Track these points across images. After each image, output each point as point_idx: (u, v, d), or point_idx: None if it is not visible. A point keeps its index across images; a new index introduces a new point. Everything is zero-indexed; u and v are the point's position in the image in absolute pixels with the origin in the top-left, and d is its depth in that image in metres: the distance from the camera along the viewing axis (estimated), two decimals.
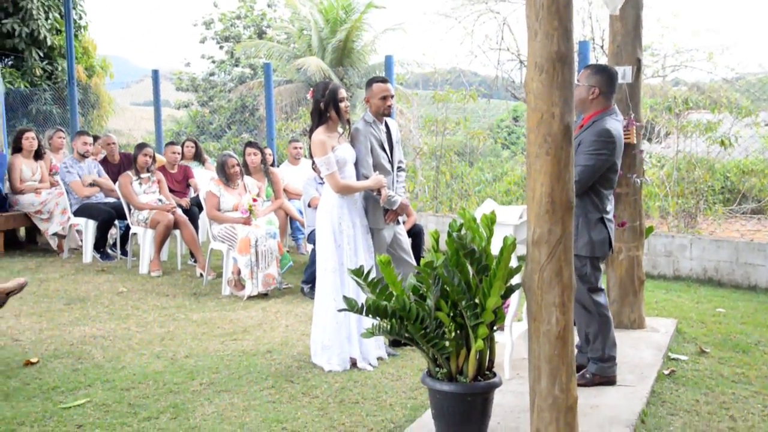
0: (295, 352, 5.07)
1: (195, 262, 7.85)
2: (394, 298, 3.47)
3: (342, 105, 4.91)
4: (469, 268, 3.49)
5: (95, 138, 9.33)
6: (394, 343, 5.14)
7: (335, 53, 22.73)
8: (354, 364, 4.79)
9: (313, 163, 5.01)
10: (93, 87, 16.96)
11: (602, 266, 4.39)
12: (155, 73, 11.91)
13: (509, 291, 3.52)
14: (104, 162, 8.86)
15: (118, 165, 8.84)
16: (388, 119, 5.19)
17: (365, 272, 3.61)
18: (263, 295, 6.66)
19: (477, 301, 3.46)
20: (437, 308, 3.48)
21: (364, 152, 4.99)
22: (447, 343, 3.47)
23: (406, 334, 3.48)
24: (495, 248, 3.57)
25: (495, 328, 3.54)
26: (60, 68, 16.11)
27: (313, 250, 6.66)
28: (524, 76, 13.25)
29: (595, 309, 4.23)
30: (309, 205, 7.06)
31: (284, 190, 8.87)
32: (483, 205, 4.70)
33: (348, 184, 4.86)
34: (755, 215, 10.74)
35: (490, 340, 3.54)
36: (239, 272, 6.67)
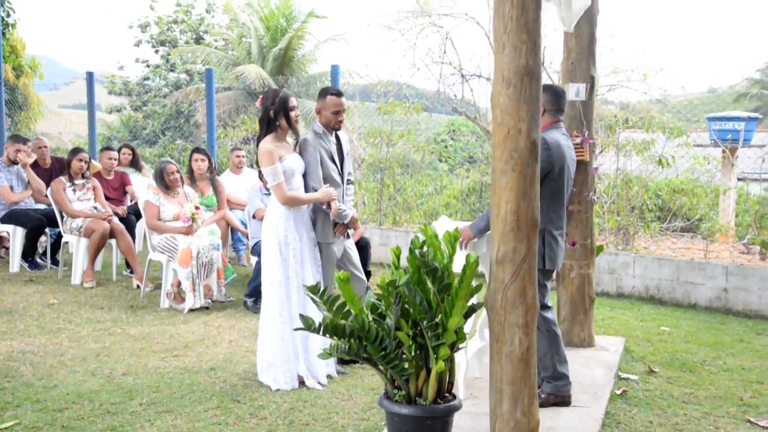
0: (240, 369, 4.86)
1: (131, 272, 7.54)
2: (352, 317, 3.33)
3: (293, 114, 4.76)
4: (431, 286, 3.37)
5: (25, 141, 8.89)
6: (342, 360, 4.99)
7: (276, 62, 22.48)
8: (302, 382, 4.62)
9: (260, 172, 4.82)
10: (21, 88, 16.28)
11: (549, 284, 4.33)
12: (90, 75, 11.49)
13: (471, 311, 3.42)
14: (35, 166, 8.44)
15: (50, 170, 8.44)
16: (338, 131, 5.05)
17: (321, 289, 3.47)
18: (204, 309, 6.42)
19: (438, 320, 3.35)
20: (397, 327, 3.35)
21: (313, 164, 4.83)
22: (406, 365, 3.34)
23: (364, 355, 3.34)
24: (455, 266, 3.48)
25: (455, 348, 3.43)
26: None
27: (258, 263, 6.47)
28: (464, 91, 13.16)
29: (543, 326, 4.15)
30: (254, 217, 6.85)
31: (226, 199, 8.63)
32: (438, 222, 4.60)
33: (295, 196, 4.70)
34: (684, 233, 10.99)
35: (450, 361, 3.43)
36: (179, 284, 6.41)
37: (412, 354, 3.38)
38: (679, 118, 12.45)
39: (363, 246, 6.95)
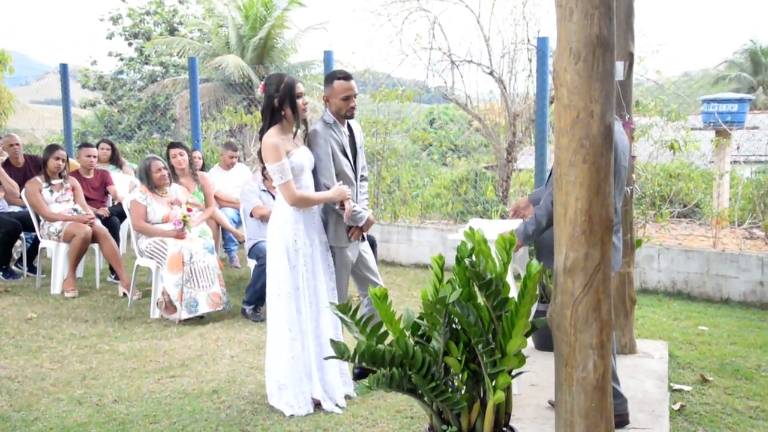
0: (246, 391, 4.31)
1: (116, 279, 6.93)
2: (393, 341, 2.79)
3: (300, 102, 4.17)
4: (483, 301, 2.84)
5: None
6: (359, 375, 4.46)
7: (255, 51, 21.80)
8: (318, 405, 4.08)
9: (264, 169, 4.25)
10: None
11: None
12: (63, 67, 10.80)
13: (532, 330, 2.89)
14: (6, 165, 7.77)
15: (23, 169, 7.77)
16: (351, 121, 4.49)
17: (352, 308, 2.92)
18: (198, 318, 5.84)
19: (494, 343, 2.82)
20: (446, 352, 2.82)
21: (324, 158, 4.26)
22: (458, 396, 2.80)
23: (408, 385, 2.80)
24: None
25: (515, 374, 2.91)
26: None
27: (257, 266, 5.91)
28: (454, 77, 12.59)
29: None
30: (251, 215, 6.27)
31: (215, 197, 8.04)
32: (472, 222, 4.06)
33: (305, 196, 4.14)
34: (681, 219, 10.67)
35: (508, 390, 2.90)
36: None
37: (464, 383, 2.85)
38: (676, 102, 12.05)
39: (370, 244, 6.40)
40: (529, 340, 4.73)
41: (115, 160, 8.78)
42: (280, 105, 4.14)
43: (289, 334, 4.05)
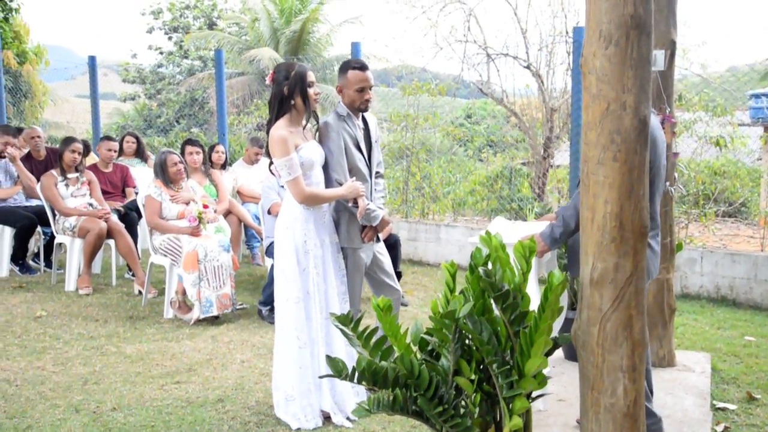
0: (253, 400, 4.05)
1: (133, 276, 6.74)
2: (397, 358, 2.50)
3: (311, 91, 3.88)
4: (500, 315, 2.53)
5: (19, 130, 8.09)
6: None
7: (289, 45, 21.64)
8: (327, 418, 3.80)
9: (271, 164, 3.97)
10: (24, 75, 15.51)
11: None
12: (92, 60, 10.67)
13: (554, 347, 2.57)
14: (28, 158, 7.64)
15: (44, 162, 7.62)
16: (365, 114, 4.19)
17: (353, 318, 2.64)
18: (214, 318, 5.61)
19: (511, 362, 2.51)
20: (456, 371, 2.52)
21: (337, 153, 3.96)
22: (469, 421, 2.50)
23: (414, 408, 2.51)
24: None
25: (534, 397, 2.59)
26: None
27: (273, 266, 5.65)
28: (489, 71, 12.25)
29: None
30: (269, 212, 6.02)
31: (238, 192, 7.83)
32: (493, 224, 3.75)
33: (316, 193, 3.85)
34: (725, 219, 10.24)
35: (526, 414, 2.59)
36: (184, 292, 5.59)
37: (477, 406, 2.55)
38: (722, 96, 11.56)
39: (392, 244, 6.13)
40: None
41: (140, 153, 8.61)
42: (290, 94, 3.85)
43: (297, 342, 3.78)
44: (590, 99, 2.40)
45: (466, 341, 2.55)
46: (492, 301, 2.55)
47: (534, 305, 2.60)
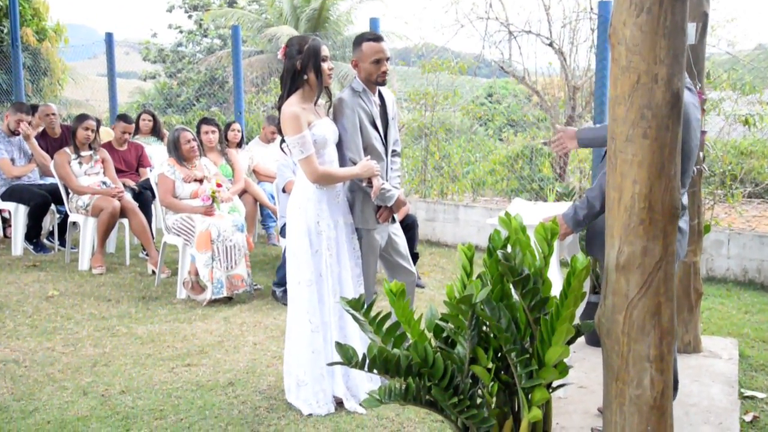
0: (264, 384, 3.95)
1: (147, 255, 6.66)
2: (410, 345, 2.37)
3: (325, 66, 3.73)
4: (519, 301, 2.39)
5: (34, 108, 8.02)
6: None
7: (309, 22, 21.45)
8: (340, 403, 3.69)
9: (282, 141, 3.83)
10: (44, 52, 15.46)
11: None
12: (109, 36, 10.60)
13: (577, 335, 2.43)
14: (43, 135, 7.57)
15: (59, 140, 7.55)
16: (382, 89, 4.03)
17: (365, 303, 2.51)
18: (227, 299, 5.53)
19: (531, 351, 2.37)
20: (472, 360, 2.39)
21: (351, 130, 3.81)
22: (486, 412, 2.37)
23: (428, 398, 2.38)
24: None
25: (555, 387, 2.46)
26: (6, 30, 14.59)
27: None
28: (511, 49, 12.01)
29: None
30: (284, 191, 5.90)
31: (254, 171, 7.72)
32: (513, 205, 3.59)
33: (329, 172, 3.71)
34: (752, 199, 10.02)
35: (546, 405, 2.46)
36: (197, 272, 5.50)
37: (494, 396, 2.42)
38: (752, 74, 11.27)
39: (409, 225, 5.99)
40: None
41: (156, 131, 8.51)
42: (302, 68, 3.70)
43: (309, 325, 3.66)
44: (619, 71, 2.23)
45: (484, 328, 2.42)
46: (511, 286, 2.41)
47: (555, 290, 2.47)
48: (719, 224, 7.05)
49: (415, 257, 6.03)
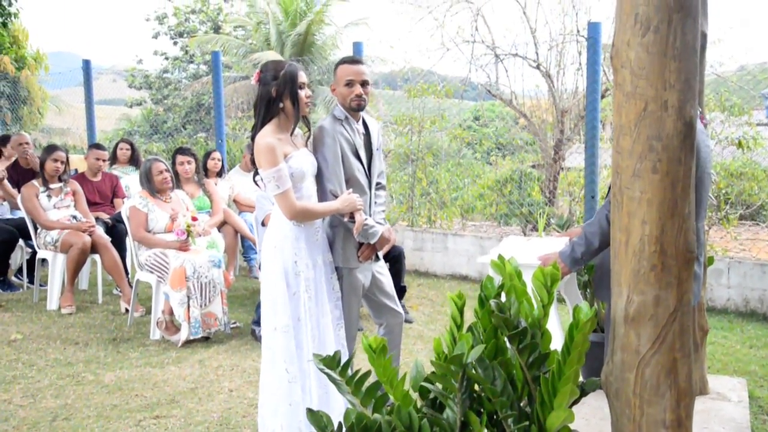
0: None
1: (121, 292, 6.33)
2: (393, 409, 2.08)
3: (302, 93, 3.47)
4: (515, 357, 2.11)
5: (5, 138, 7.72)
6: None
7: (295, 47, 21.28)
8: None
9: (256, 174, 3.54)
10: (23, 80, 15.19)
11: None
12: (86, 63, 10.31)
13: (582, 395, 2.15)
14: (15, 166, 7.25)
15: (32, 170, 7.23)
16: (367, 117, 3.77)
17: (340, 360, 2.22)
18: (204, 339, 5.22)
19: (530, 414, 2.09)
20: (463, 425, 2.10)
21: (332, 160, 3.52)
22: None
23: None
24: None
25: None
26: None
27: None
28: (498, 72, 11.82)
29: None
30: (263, 224, 5.61)
31: (235, 201, 7.44)
32: (504, 244, 3.32)
33: (307, 208, 3.41)
34: (743, 222, 9.86)
35: None
36: (171, 312, 5.19)
37: None
38: (739, 96, 11.16)
39: (396, 257, 5.71)
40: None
41: (134, 160, 8.22)
42: (278, 96, 3.42)
43: (286, 375, 3.35)
44: (624, 98, 1.98)
45: (477, 387, 2.13)
46: (506, 340, 2.14)
47: (554, 339, 2.20)
48: (714, 248, 6.82)
49: (402, 291, 5.75)
